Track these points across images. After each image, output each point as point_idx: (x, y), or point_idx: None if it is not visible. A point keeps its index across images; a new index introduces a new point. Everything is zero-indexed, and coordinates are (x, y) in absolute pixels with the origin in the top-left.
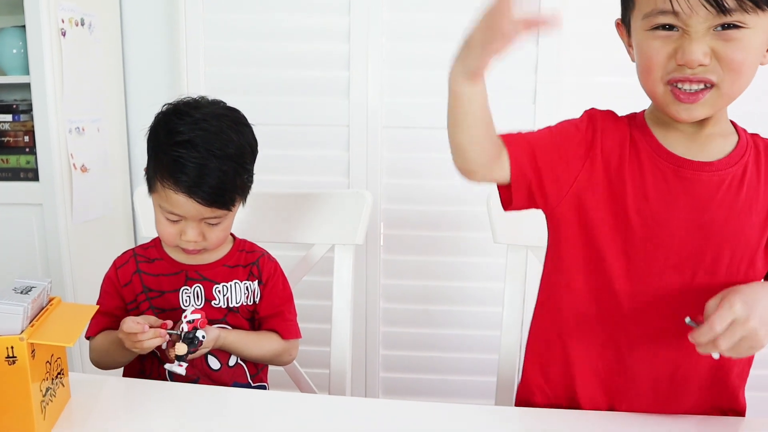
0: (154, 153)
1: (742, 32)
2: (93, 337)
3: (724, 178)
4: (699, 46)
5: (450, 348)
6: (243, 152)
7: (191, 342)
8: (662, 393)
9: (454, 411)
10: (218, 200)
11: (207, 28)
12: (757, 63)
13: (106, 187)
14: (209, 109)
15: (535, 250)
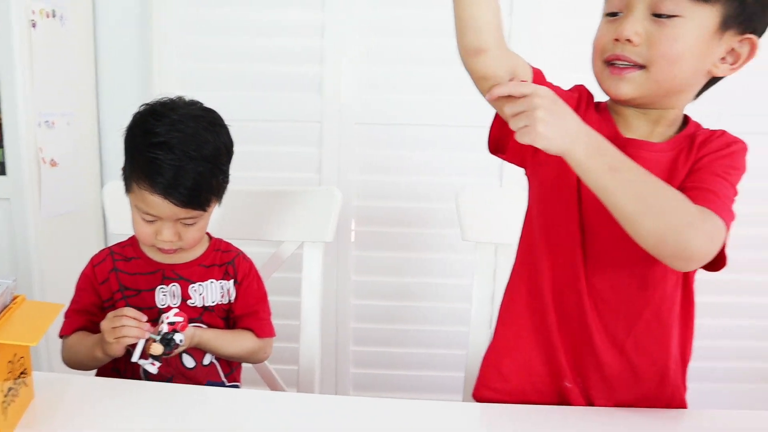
0: (130, 154)
1: (675, 20)
2: (67, 336)
3: (660, 159)
4: (632, 24)
5: (420, 344)
6: (219, 153)
7: (168, 344)
8: (617, 381)
9: (421, 408)
10: (194, 201)
11: (180, 22)
12: (694, 60)
13: (76, 182)
14: (186, 111)
15: (503, 247)
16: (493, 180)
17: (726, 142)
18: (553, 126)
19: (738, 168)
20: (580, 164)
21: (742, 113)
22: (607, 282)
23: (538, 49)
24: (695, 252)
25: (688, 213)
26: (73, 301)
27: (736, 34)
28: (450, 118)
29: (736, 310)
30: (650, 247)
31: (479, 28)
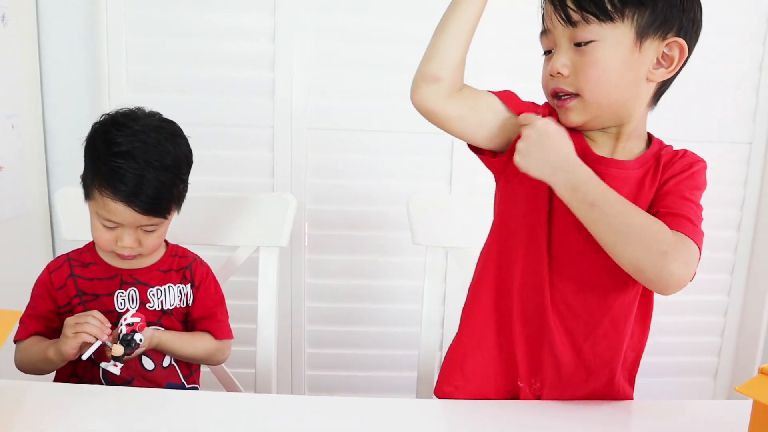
0: (92, 162)
1: (593, 45)
2: (22, 341)
3: (629, 176)
4: (559, 58)
5: (374, 345)
6: (179, 163)
7: (128, 344)
8: (572, 379)
9: (377, 405)
10: (155, 209)
11: (129, 23)
12: (622, 76)
13: (22, 185)
14: (147, 122)
15: (453, 251)
16: (443, 185)
17: (689, 162)
18: (530, 156)
19: (700, 187)
20: (563, 197)
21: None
22: (571, 288)
23: (488, 52)
24: (672, 278)
25: (665, 242)
26: (28, 306)
27: (658, 40)
28: (401, 124)
29: (678, 307)
30: (631, 273)
31: (446, 59)
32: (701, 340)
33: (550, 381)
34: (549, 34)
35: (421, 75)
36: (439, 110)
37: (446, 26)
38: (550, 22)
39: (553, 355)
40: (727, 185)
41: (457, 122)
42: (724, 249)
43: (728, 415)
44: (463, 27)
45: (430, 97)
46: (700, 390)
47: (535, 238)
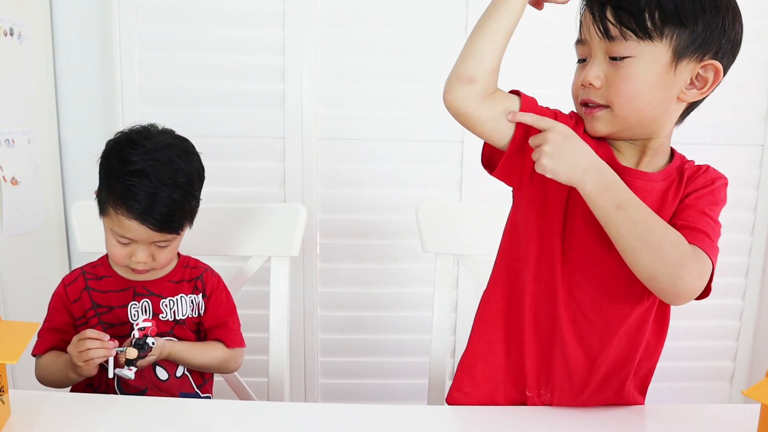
0: (106, 180)
1: (629, 61)
2: (40, 355)
3: (654, 189)
4: (592, 69)
5: (386, 353)
6: (191, 180)
7: (141, 347)
8: (583, 389)
9: (389, 412)
10: (168, 226)
11: (142, 39)
12: (654, 93)
13: (37, 199)
14: (160, 139)
15: (462, 258)
16: (453, 193)
17: (711, 178)
18: (559, 160)
19: (719, 203)
20: (589, 198)
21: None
22: (587, 298)
23: None
24: (684, 290)
25: (682, 254)
26: (45, 320)
27: (694, 62)
28: (410, 133)
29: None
30: (644, 280)
31: (482, 62)
32: (717, 344)
33: (560, 391)
34: (585, 44)
35: (456, 75)
36: (472, 112)
37: (485, 29)
38: (588, 33)
39: (565, 366)
40: (740, 188)
41: (488, 125)
42: (739, 252)
43: (743, 419)
44: (501, 30)
45: (463, 98)
46: (717, 394)
47: (548, 247)
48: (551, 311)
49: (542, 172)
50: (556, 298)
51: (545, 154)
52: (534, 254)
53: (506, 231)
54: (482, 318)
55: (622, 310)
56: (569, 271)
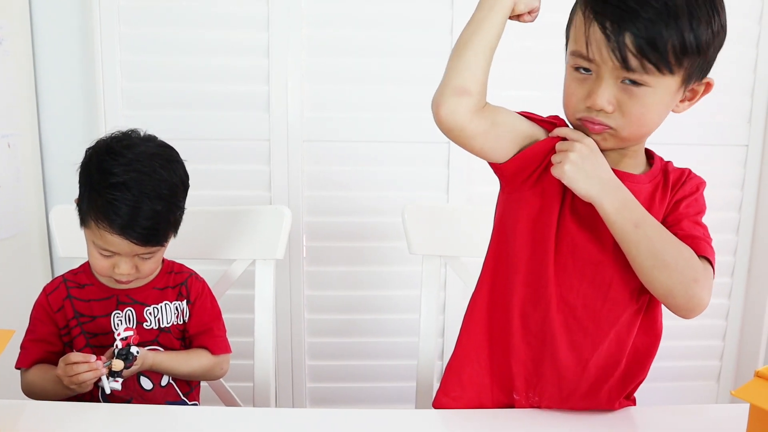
0: (87, 192)
1: (643, 90)
2: (26, 369)
3: (642, 190)
4: (605, 93)
5: (374, 356)
6: (175, 191)
7: (126, 358)
8: (573, 393)
9: (376, 417)
10: (152, 239)
11: (123, 41)
12: (660, 115)
13: (18, 204)
14: (142, 148)
15: (449, 260)
16: (440, 195)
17: (695, 184)
18: (581, 170)
19: (703, 210)
20: (608, 216)
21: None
22: (580, 302)
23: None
24: (698, 305)
25: (696, 270)
26: (28, 331)
27: (697, 82)
28: (396, 135)
29: None
30: (660, 296)
31: (474, 74)
32: (703, 343)
33: (549, 394)
34: (590, 61)
35: (450, 89)
36: (467, 124)
37: (473, 42)
38: (598, 54)
39: (555, 370)
40: (725, 188)
41: (480, 138)
42: (724, 252)
43: (731, 419)
44: (490, 43)
45: (458, 112)
46: (703, 394)
47: (540, 252)
48: (543, 316)
49: (559, 177)
50: (548, 303)
51: (570, 161)
52: (525, 259)
53: (493, 235)
54: (469, 321)
55: (614, 312)
56: (561, 276)
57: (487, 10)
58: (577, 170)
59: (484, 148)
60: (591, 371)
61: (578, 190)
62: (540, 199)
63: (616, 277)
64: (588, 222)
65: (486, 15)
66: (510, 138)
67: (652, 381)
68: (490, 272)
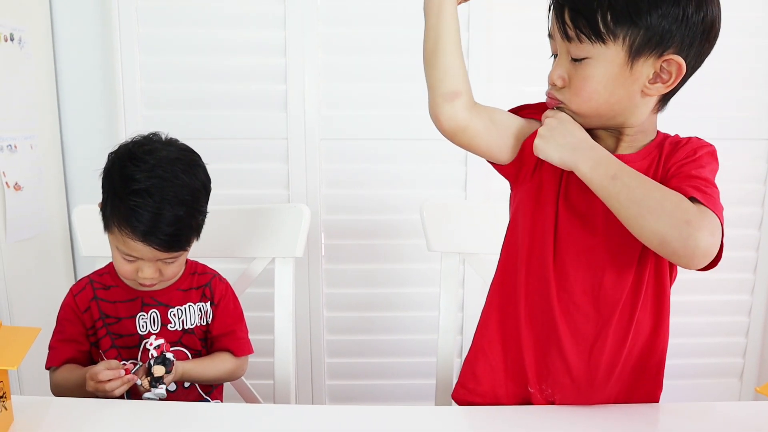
0: (110, 198)
1: (586, 62)
2: (56, 368)
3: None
4: (557, 69)
5: (394, 353)
6: (197, 195)
7: (164, 362)
8: (584, 383)
9: (396, 413)
10: (174, 245)
11: (142, 42)
12: (608, 89)
13: (41, 204)
14: (163, 153)
15: (468, 257)
16: (458, 192)
17: (693, 148)
18: (550, 140)
19: (705, 166)
20: (584, 176)
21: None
22: (578, 288)
23: (494, 61)
24: (697, 247)
25: (687, 211)
26: (56, 331)
27: (653, 58)
28: (413, 132)
29: (701, 308)
30: (655, 246)
31: (456, 74)
32: (726, 340)
33: (561, 386)
34: (553, 40)
35: (439, 97)
36: (467, 123)
37: (441, 45)
38: (554, 30)
39: (561, 360)
40: (747, 183)
41: (484, 135)
42: (746, 248)
43: (755, 417)
44: (455, 39)
45: (456, 114)
46: (726, 391)
47: (540, 241)
48: (545, 306)
49: (536, 155)
50: (548, 293)
51: (539, 135)
52: (526, 250)
53: (507, 230)
54: (483, 314)
55: (613, 297)
56: (560, 264)
57: (435, 16)
58: (546, 141)
59: (490, 145)
60: (599, 361)
61: (552, 159)
62: (538, 190)
63: (610, 262)
64: (579, 209)
65: (437, 20)
66: (509, 134)
67: (674, 378)
68: (501, 265)
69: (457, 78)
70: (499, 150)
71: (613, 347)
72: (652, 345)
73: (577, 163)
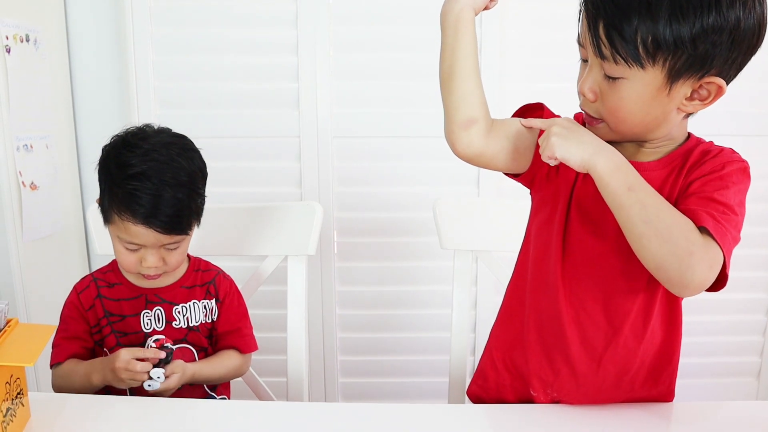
0: (107, 187)
1: (620, 81)
2: (60, 364)
3: (650, 177)
4: (587, 81)
5: (406, 351)
6: (195, 178)
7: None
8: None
9: (409, 411)
10: (176, 227)
11: (155, 42)
12: (644, 110)
13: (56, 204)
14: (157, 139)
15: (481, 254)
16: (470, 189)
17: (721, 163)
18: (567, 139)
19: (730, 186)
20: (602, 178)
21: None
22: (589, 295)
23: (507, 58)
24: (692, 281)
25: (693, 242)
26: (60, 329)
27: (692, 79)
28: (426, 129)
29: (718, 306)
30: (651, 269)
31: (473, 102)
32: (742, 339)
33: (567, 392)
34: (583, 48)
35: (456, 125)
36: (485, 149)
37: (457, 68)
38: (584, 39)
39: (569, 367)
40: (761, 180)
41: (501, 156)
42: (761, 245)
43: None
44: (472, 61)
45: (473, 141)
46: (743, 390)
47: (550, 245)
48: (553, 312)
49: (551, 154)
50: (557, 299)
51: (556, 134)
52: (534, 254)
53: (524, 234)
54: (498, 314)
55: (624, 305)
56: (571, 271)
57: (452, 35)
58: (565, 139)
59: (506, 164)
60: (609, 369)
61: (572, 157)
62: (554, 195)
63: (620, 267)
64: (591, 215)
65: (454, 39)
66: (524, 147)
67: (690, 377)
68: (516, 268)
69: (474, 105)
70: (515, 164)
71: (624, 357)
72: (664, 355)
73: (598, 164)
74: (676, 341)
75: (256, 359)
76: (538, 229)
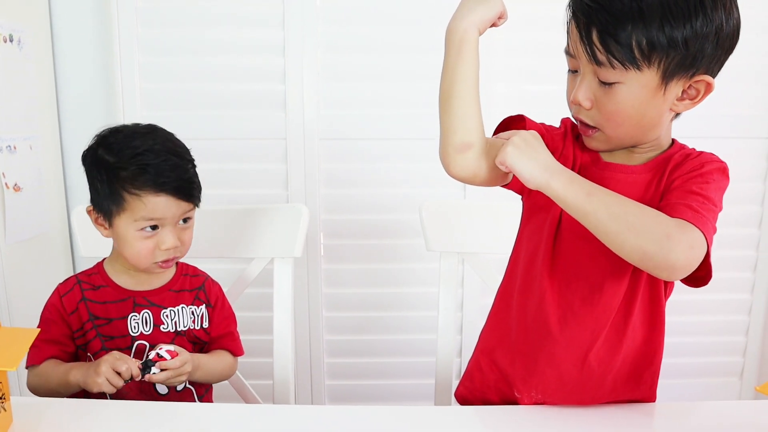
0: (107, 178)
1: (616, 86)
2: (36, 366)
3: (636, 181)
4: (581, 89)
5: (393, 353)
6: (186, 149)
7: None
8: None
9: (395, 413)
10: (190, 192)
11: (141, 43)
12: (641, 112)
13: (41, 205)
14: (133, 128)
15: (467, 256)
16: (457, 191)
17: (700, 162)
18: (522, 152)
19: (711, 182)
20: (558, 195)
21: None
22: (578, 295)
23: (493, 60)
24: (677, 260)
25: (665, 225)
26: (40, 331)
27: (684, 79)
28: (412, 131)
29: (701, 307)
30: (636, 262)
31: (470, 126)
32: (726, 339)
33: (551, 391)
34: (574, 57)
35: (452, 148)
36: (477, 172)
37: (455, 90)
38: (575, 49)
39: (553, 368)
40: (746, 182)
41: (493, 176)
42: (746, 247)
43: (755, 416)
44: (472, 85)
45: (468, 165)
46: (726, 390)
47: (539, 249)
48: (539, 313)
49: (503, 161)
50: (544, 300)
51: (512, 144)
52: (526, 256)
53: (516, 237)
54: (488, 315)
55: (610, 304)
56: (560, 271)
57: (455, 55)
58: (520, 151)
59: (498, 181)
60: (591, 366)
61: (521, 169)
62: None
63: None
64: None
65: (456, 59)
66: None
67: (673, 377)
68: (506, 271)
69: (471, 130)
70: (506, 178)
71: (606, 355)
72: (646, 354)
73: (549, 181)
74: (658, 342)
75: (242, 362)
76: (530, 233)
